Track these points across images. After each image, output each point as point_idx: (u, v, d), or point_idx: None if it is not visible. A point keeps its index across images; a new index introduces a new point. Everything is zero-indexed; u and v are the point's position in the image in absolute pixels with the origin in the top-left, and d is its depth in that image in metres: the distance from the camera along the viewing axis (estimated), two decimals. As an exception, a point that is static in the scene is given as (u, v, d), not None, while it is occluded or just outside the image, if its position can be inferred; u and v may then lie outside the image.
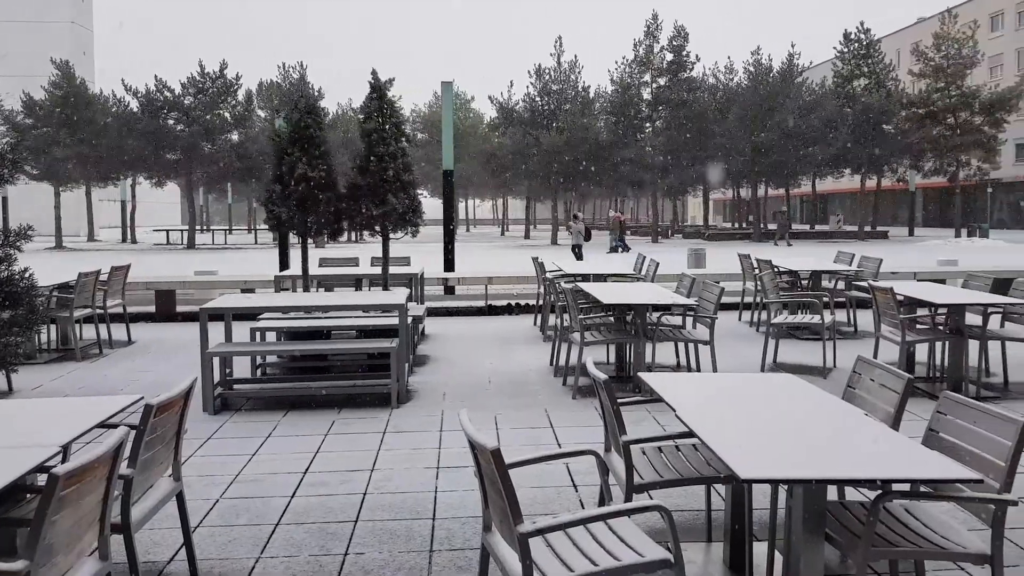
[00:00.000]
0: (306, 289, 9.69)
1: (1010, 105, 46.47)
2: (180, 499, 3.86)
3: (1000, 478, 2.94)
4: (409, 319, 8.06)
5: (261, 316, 8.66)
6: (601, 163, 49.05)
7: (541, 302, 11.52)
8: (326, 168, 8.98)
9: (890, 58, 56.66)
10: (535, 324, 11.79)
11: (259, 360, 8.49)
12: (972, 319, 7.73)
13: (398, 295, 7.90)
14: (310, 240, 9.51)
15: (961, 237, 44.31)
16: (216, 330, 7.87)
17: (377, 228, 9.31)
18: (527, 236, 55.12)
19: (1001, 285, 8.55)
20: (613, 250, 35.61)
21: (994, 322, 8.13)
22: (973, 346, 7.75)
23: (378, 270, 10.32)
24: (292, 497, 4.96)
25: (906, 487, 3.24)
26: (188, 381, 3.73)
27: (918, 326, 7.92)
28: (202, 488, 5.11)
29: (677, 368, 8.58)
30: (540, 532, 2.79)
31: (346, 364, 8.62)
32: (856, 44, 53.57)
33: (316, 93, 49.35)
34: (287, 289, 10.83)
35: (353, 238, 41.12)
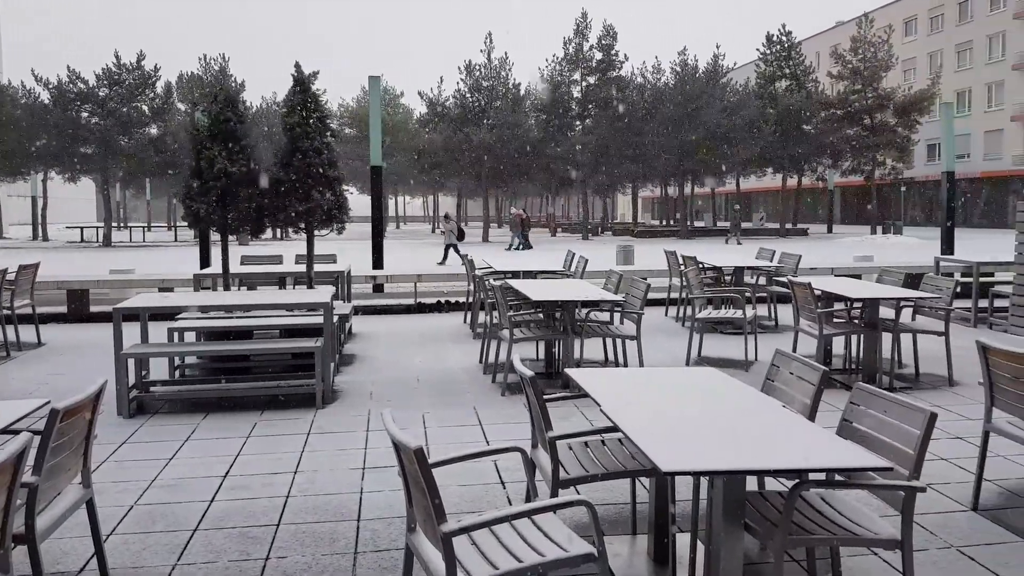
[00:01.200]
0: (227, 288, 9.44)
1: (922, 107, 48.47)
2: (91, 506, 3.71)
3: (909, 465, 3.04)
4: (335, 318, 7.94)
5: (179, 316, 8.41)
6: (532, 160, 49.28)
7: (471, 300, 11.49)
8: (247, 162, 8.76)
9: (810, 60, 58.45)
10: (465, 322, 11.76)
11: (177, 361, 8.24)
12: (886, 313, 8.00)
13: (323, 293, 7.76)
14: (233, 237, 9.28)
15: (877, 234, 45.96)
16: (132, 331, 7.61)
17: (302, 225, 9.13)
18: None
19: (912, 280, 8.87)
20: (515, 248, 34.88)
21: (906, 315, 8.44)
22: (887, 339, 8.02)
23: (303, 268, 10.13)
24: (211, 502, 4.82)
25: (821, 476, 3.32)
26: (98, 384, 3.58)
27: (835, 320, 8.16)
28: (116, 495, 4.92)
29: (606, 363, 8.66)
30: (464, 531, 2.76)
31: (269, 364, 8.43)
32: (778, 46, 55.11)
33: (238, 86, 48.23)
34: (208, 288, 10.54)
35: (279, 235, 40.36)
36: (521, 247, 35.36)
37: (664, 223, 64.90)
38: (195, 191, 8.81)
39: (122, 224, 66.68)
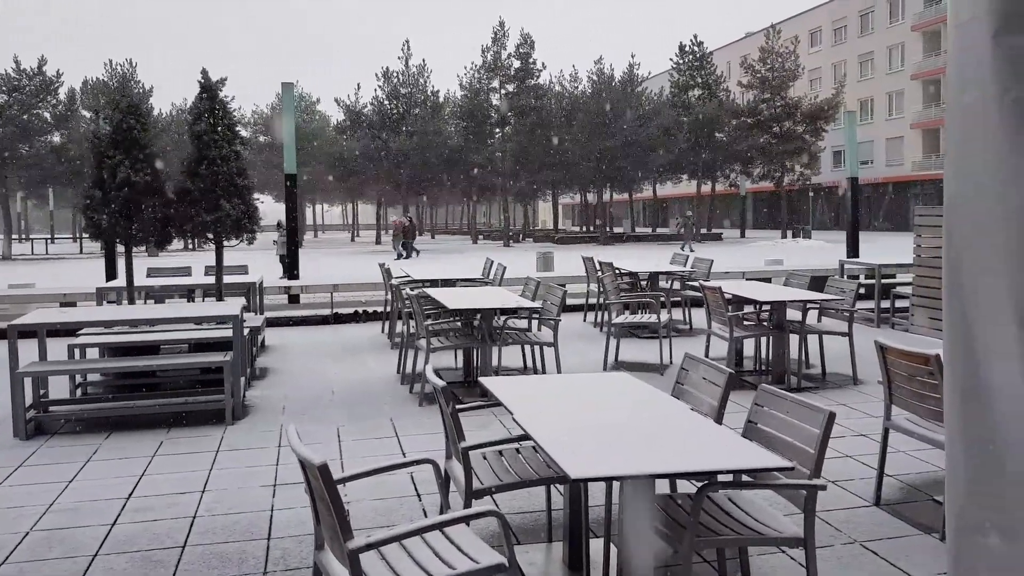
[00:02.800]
0: (131, 301, 9.10)
1: (827, 115, 50.41)
2: (-23, 536, 3.51)
3: (810, 464, 3.12)
4: (245, 331, 7.73)
5: (81, 332, 8.06)
6: (452, 168, 49.24)
7: (389, 309, 11.36)
8: (151, 172, 8.46)
9: (721, 70, 60.15)
10: (383, 332, 11.62)
11: (79, 379, 7.90)
12: (793, 315, 8.24)
13: (232, 306, 7.55)
14: (142, 249, 8.95)
15: (787, 238, 47.48)
16: (30, 348, 7.26)
17: (210, 235, 8.86)
18: (378, 242, 54.48)
19: (817, 283, 9.17)
20: (404, 257, 33.92)
21: (813, 317, 8.72)
22: (795, 340, 8.27)
23: (212, 280, 9.84)
24: (113, 525, 4.62)
25: (729, 477, 3.38)
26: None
27: (745, 322, 8.37)
28: (10, 521, 4.67)
29: (524, 370, 8.67)
30: (371, 547, 2.71)
31: (177, 380, 8.15)
32: (690, 56, 56.50)
33: (145, 92, 46.74)
34: (113, 302, 10.15)
35: (190, 246, 39.22)
36: (404, 255, 34.27)
37: (584, 229, 65.64)
38: (96, 201, 8.47)
39: (23, 236, 63.75)
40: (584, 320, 12.46)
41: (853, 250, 19.16)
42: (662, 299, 9.92)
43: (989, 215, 2.49)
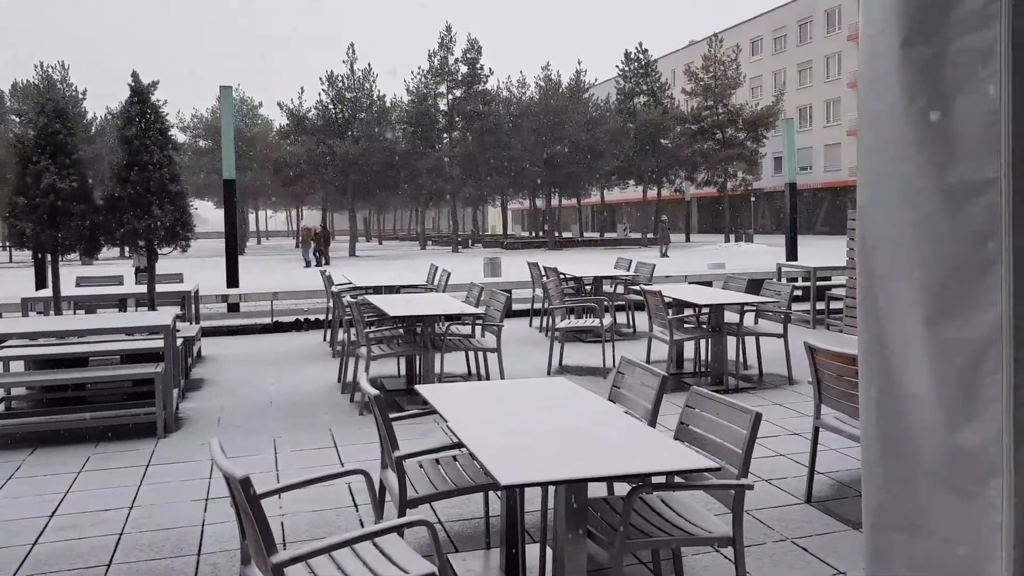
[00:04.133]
0: (58, 312, 8.82)
1: (768, 122, 51.50)
2: None
3: (738, 464, 3.15)
4: (179, 341, 7.56)
5: (4, 344, 7.78)
6: (399, 173, 48.96)
7: (331, 317, 11.23)
8: (79, 178, 8.22)
9: (666, 77, 60.99)
10: (325, 340, 11.47)
11: (2, 393, 7.62)
12: (732, 317, 8.36)
13: (163, 315, 7.37)
14: (75, 256, 8.69)
15: (730, 242, 48.32)
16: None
17: (141, 243, 8.64)
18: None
19: (755, 285, 9.32)
20: (314, 265, 33.15)
21: (750, 320, 8.86)
22: (733, 342, 8.38)
23: (144, 288, 9.60)
24: (34, 544, 4.45)
25: (662, 479, 3.40)
26: None
27: (685, 325, 8.46)
28: (-77, 543, 4.48)
29: (468, 377, 8.63)
30: (295, 561, 2.65)
31: (108, 393, 7.91)
32: (636, 63, 57.16)
33: (78, 95, 45.51)
34: (40, 312, 9.83)
35: (125, 254, 38.28)
36: (315, 264, 33.41)
37: (533, 235, 65.89)
38: (20, 208, 8.18)
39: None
40: (530, 325, 12.48)
41: (792, 254, 19.55)
42: (605, 303, 9.97)
43: (898, 220, 2.56)
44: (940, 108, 2.38)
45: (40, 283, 13.39)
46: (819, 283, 12.47)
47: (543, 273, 12.10)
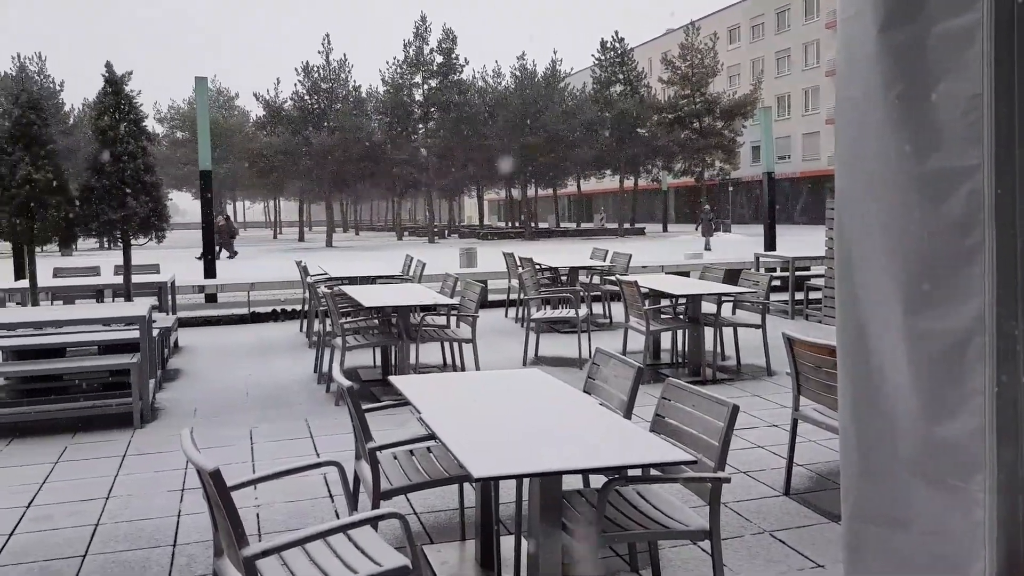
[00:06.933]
0: (35, 303, 8.70)
1: (746, 111, 51.65)
2: None
3: (714, 457, 3.15)
4: (155, 331, 7.48)
5: (-22, 335, 7.67)
6: (375, 164, 48.71)
7: (307, 307, 11.15)
8: (54, 169, 8.10)
9: (643, 66, 60.95)
10: (301, 331, 11.40)
11: (-22, 385, 7.52)
12: (709, 308, 8.39)
13: (139, 306, 7.29)
14: (54, 247, 8.58)
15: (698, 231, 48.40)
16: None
17: (117, 234, 8.54)
18: (301, 239, 53.58)
19: (732, 276, 9.35)
20: (226, 258, 31.77)
21: (728, 310, 8.89)
22: (710, 332, 8.40)
23: (121, 279, 9.49)
24: (10, 536, 4.41)
25: (638, 472, 3.40)
26: None
27: (662, 316, 8.48)
28: None
29: (444, 367, 8.60)
30: (267, 553, 2.63)
31: (85, 383, 7.82)
32: (612, 52, 57.08)
33: (56, 87, 44.86)
34: (18, 303, 9.71)
35: (104, 245, 37.83)
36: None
37: (510, 225, 65.84)
38: (-6, 200, 8.07)
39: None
40: (506, 316, 12.46)
41: (770, 243, 19.67)
42: (581, 294, 9.97)
43: (877, 209, 2.54)
44: (920, 94, 2.34)
45: (18, 274, 13.21)
46: (798, 273, 12.54)
47: (518, 263, 12.07)
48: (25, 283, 9.47)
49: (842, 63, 2.66)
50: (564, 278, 11.95)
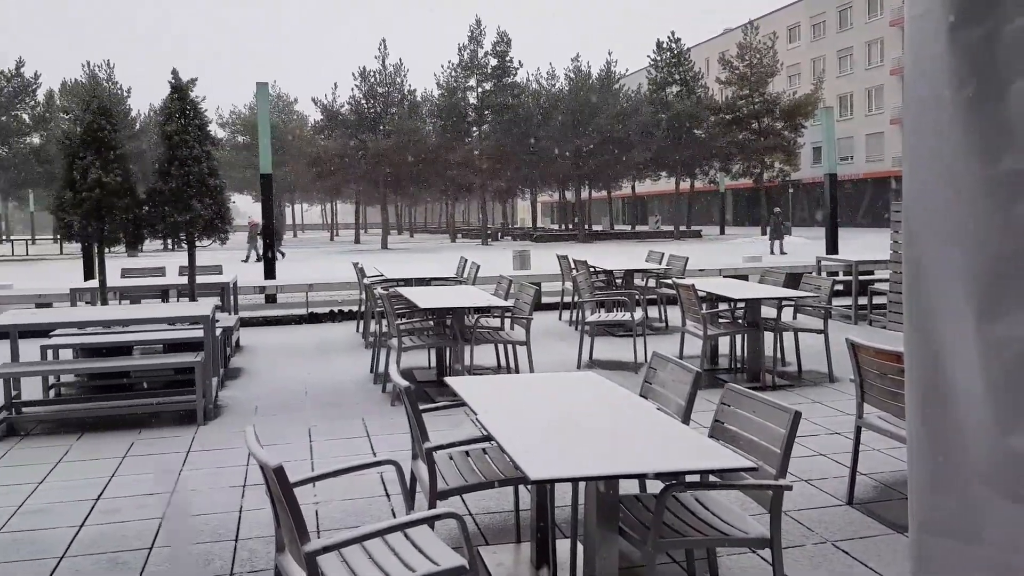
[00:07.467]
0: (104, 302, 8.99)
1: (807, 111, 50.62)
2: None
3: (776, 464, 3.10)
4: (218, 331, 7.66)
5: (54, 333, 7.97)
6: (429, 166, 49.10)
7: (363, 308, 11.30)
8: (122, 172, 8.36)
9: (699, 67, 60.28)
10: (358, 331, 11.55)
11: (53, 380, 7.81)
12: (769, 312, 8.24)
13: (203, 306, 7.47)
14: (121, 248, 8.87)
15: (767, 235, 47.61)
16: (3, 349, 7.19)
17: (182, 235, 8.78)
18: (357, 241, 54.27)
19: (793, 280, 9.18)
20: (254, 260, 31.19)
21: (788, 315, 8.72)
22: (770, 337, 8.27)
23: (185, 280, 9.74)
24: (81, 527, 4.56)
25: (696, 478, 3.36)
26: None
27: (720, 320, 8.37)
28: (-24, 524, 4.60)
29: (498, 369, 8.63)
30: (327, 550, 2.67)
31: (150, 381, 8.07)
32: (668, 53, 56.53)
33: (124, 93, 46.25)
34: (88, 302, 10.04)
35: (169, 246, 38.84)
36: (259, 259, 30.47)
37: (563, 227, 65.70)
38: (67, 202, 8.37)
39: (4, 237, 62.99)
40: (560, 318, 12.44)
41: (832, 247, 19.24)
42: (636, 297, 9.90)
43: (946, 212, 2.47)
44: (992, 93, 2.28)
45: (88, 274, 13.67)
46: (861, 277, 12.25)
47: (572, 266, 12.04)
48: (95, 283, 9.79)
49: (910, 62, 2.58)
50: (619, 281, 11.88)
